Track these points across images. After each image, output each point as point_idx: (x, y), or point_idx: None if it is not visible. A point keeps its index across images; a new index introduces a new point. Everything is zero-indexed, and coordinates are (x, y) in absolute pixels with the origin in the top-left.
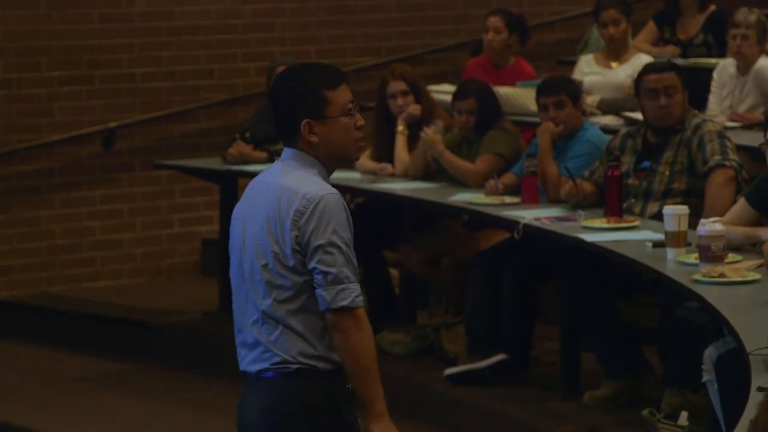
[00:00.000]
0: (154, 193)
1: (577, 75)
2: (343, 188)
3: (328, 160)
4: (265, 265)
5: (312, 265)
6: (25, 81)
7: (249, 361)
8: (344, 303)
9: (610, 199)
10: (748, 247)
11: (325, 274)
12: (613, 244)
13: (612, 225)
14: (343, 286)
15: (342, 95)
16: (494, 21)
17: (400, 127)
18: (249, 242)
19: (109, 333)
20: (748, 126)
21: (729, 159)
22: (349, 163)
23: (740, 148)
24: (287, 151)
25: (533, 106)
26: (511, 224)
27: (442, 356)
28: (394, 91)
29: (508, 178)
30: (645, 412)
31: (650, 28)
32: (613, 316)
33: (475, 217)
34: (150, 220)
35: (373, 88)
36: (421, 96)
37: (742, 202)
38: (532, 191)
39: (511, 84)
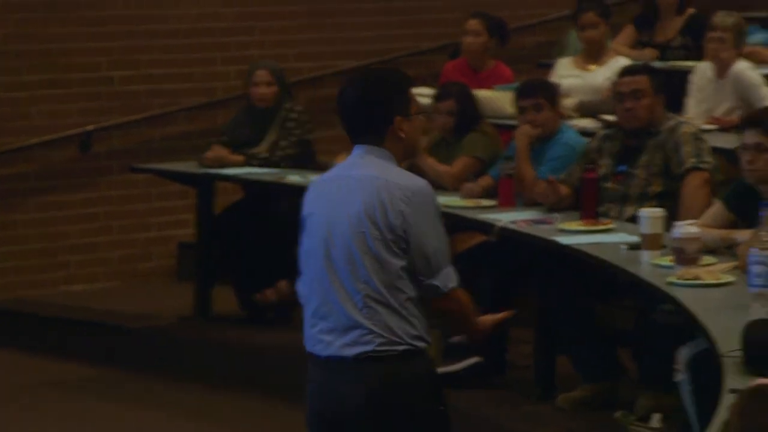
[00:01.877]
0: (131, 197)
1: (555, 78)
2: None
3: (403, 155)
4: (368, 252)
5: (419, 256)
6: (2, 85)
7: (341, 346)
8: (453, 284)
9: (586, 202)
10: (723, 250)
11: (430, 262)
12: (589, 246)
13: (588, 227)
14: (447, 268)
15: (413, 95)
16: (474, 24)
17: None
18: (341, 233)
19: (84, 337)
20: (725, 129)
21: (704, 161)
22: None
23: (717, 151)
24: (365, 148)
25: (511, 110)
26: (487, 227)
27: None
28: None
29: (486, 180)
30: (618, 414)
31: (628, 30)
32: (588, 319)
33: (451, 220)
34: (127, 223)
35: None
36: None
37: (718, 204)
38: (509, 194)
39: (489, 87)
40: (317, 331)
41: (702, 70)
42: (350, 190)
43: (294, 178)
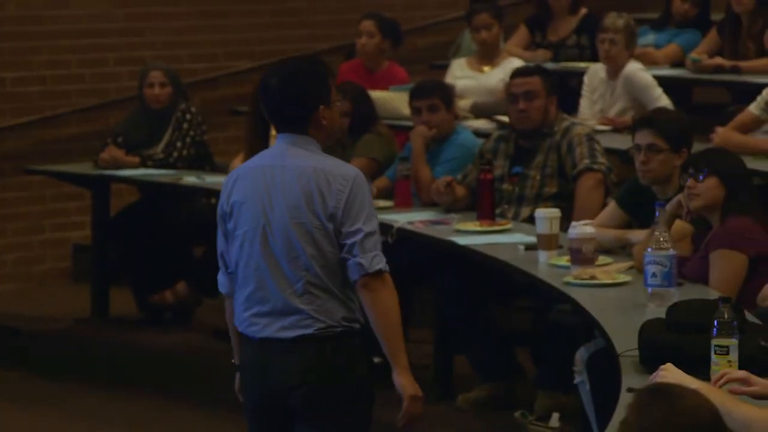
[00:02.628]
0: (25, 199)
1: (449, 79)
2: (215, 192)
3: (325, 142)
4: (309, 241)
5: (349, 237)
6: None
7: (278, 329)
8: (380, 266)
9: (483, 203)
10: (618, 250)
11: (362, 243)
12: (486, 247)
13: (484, 228)
14: (376, 252)
15: (333, 84)
16: (367, 25)
17: (274, 131)
18: (279, 222)
19: None
20: (618, 129)
21: (597, 162)
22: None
23: (610, 152)
24: (291, 138)
25: (406, 111)
26: (384, 228)
27: None
28: None
29: (382, 182)
30: (517, 414)
31: (522, 32)
32: (486, 319)
33: None
34: (21, 225)
35: (247, 92)
36: None
37: (612, 204)
38: (406, 195)
39: (384, 88)
40: (251, 314)
41: (594, 71)
42: (286, 180)
43: (190, 179)
